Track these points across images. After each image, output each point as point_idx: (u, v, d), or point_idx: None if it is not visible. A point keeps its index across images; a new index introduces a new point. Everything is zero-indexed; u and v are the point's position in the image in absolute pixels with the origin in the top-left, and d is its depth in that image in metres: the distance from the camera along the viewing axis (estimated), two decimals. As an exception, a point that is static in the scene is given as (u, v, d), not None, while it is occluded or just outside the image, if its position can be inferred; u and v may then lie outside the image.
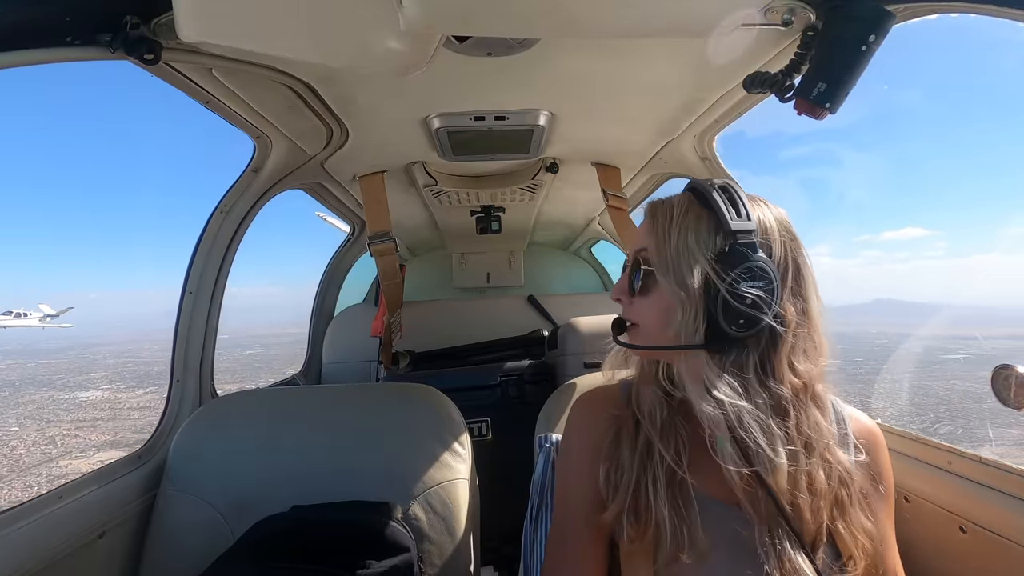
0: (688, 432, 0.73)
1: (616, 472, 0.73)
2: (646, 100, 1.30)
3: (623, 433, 0.76)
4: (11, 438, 23.38)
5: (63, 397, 34.92)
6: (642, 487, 0.70)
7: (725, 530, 0.68)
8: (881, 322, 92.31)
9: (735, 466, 0.66)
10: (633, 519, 0.70)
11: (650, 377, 0.79)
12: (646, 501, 0.69)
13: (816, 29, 0.86)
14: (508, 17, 0.78)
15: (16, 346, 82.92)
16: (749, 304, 0.65)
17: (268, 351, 53.45)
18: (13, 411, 29.29)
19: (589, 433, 0.80)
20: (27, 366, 52.37)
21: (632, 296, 0.76)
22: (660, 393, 0.76)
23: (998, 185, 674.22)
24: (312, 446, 1.22)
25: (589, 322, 1.94)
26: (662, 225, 0.73)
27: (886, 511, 0.75)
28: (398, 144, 1.57)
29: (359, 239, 2.62)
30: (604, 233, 3.01)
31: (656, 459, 0.71)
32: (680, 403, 0.76)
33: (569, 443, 0.84)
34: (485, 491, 1.32)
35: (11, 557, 0.90)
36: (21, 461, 20.50)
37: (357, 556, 0.99)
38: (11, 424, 27.86)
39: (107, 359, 54.71)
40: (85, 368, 47.71)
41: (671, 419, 0.74)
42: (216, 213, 1.45)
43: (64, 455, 20.71)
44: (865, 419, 0.79)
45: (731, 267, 0.66)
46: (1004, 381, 0.75)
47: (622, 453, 0.74)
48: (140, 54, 0.81)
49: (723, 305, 0.66)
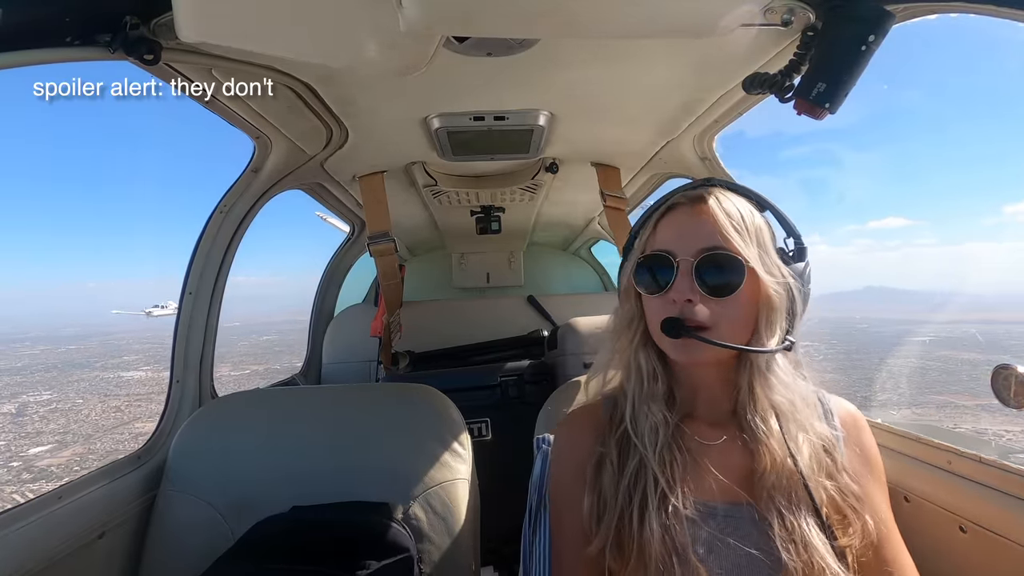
0: (682, 449, 0.73)
1: (599, 504, 0.73)
2: (646, 100, 1.30)
3: (605, 462, 0.75)
4: (81, 408, 25.56)
5: (109, 376, 37.11)
6: (626, 518, 0.70)
7: (723, 538, 0.69)
8: (868, 308, 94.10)
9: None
10: (616, 552, 0.70)
11: (657, 395, 0.76)
12: (629, 531, 0.69)
13: (816, 29, 0.86)
14: (508, 17, 0.78)
15: (37, 333, 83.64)
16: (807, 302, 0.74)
17: (284, 336, 54.18)
18: (71, 387, 31.45)
19: (573, 459, 0.79)
20: (58, 351, 53.82)
21: (710, 297, 0.70)
22: (664, 413, 0.74)
23: (983, 177, 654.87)
24: (312, 446, 1.22)
25: (589, 322, 1.94)
26: (739, 223, 0.72)
27: (881, 494, 0.76)
28: (398, 144, 1.56)
29: (359, 239, 2.62)
30: (604, 233, 3.01)
31: (647, 484, 0.70)
32: (679, 421, 0.75)
33: (558, 468, 0.83)
34: (485, 491, 1.32)
35: (11, 557, 0.90)
36: (100, 424, 22.57)
37: (356, 556, 0.99)
38: (74, 398, 30.14)
39: (132, 344, 55.99)
40: (116, 352, 49.57)
41: (668, 440, 0.73)
42: (216, 213, 1.45)
43: (134, 420, 22.83)
44: (847, 404, 0.81)
45: (801, 269, 0.74)
46: (1004, 381, 0.75)
47: (603, 483, 0.73)
48: (140, 54, 0.81)
49: (802, 305, 0.74)
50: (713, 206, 0.72)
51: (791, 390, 0.74)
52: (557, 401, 1.21)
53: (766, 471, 0.70)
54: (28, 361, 48.66)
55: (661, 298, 0.72)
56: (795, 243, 0.76)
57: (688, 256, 0.71)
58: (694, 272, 0.70)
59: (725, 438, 0.75)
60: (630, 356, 0.79)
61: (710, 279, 0.70)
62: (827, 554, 0.66)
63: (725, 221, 0.71)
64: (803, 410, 0.74)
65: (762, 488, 0.70)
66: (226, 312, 1.53)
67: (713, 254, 0.70)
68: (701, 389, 0.77)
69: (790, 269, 0.73)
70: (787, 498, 0.69)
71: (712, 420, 0.77)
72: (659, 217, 0.76)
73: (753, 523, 0.69)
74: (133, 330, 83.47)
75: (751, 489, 0.71)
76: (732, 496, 0.71)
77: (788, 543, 0.66)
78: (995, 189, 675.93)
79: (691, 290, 0.70)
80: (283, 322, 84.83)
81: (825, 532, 0.68)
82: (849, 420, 0.79)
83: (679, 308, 0.70)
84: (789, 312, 0.73)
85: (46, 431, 25.41)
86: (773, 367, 0.74)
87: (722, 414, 0.77)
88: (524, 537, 0.95)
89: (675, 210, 0.76)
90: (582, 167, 1.81)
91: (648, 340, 0.78)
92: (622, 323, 0.81)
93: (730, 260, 0.70)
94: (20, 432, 23.96)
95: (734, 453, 0.74)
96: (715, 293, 0.70)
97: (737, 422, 0.75)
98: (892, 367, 19.99)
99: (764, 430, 0.72)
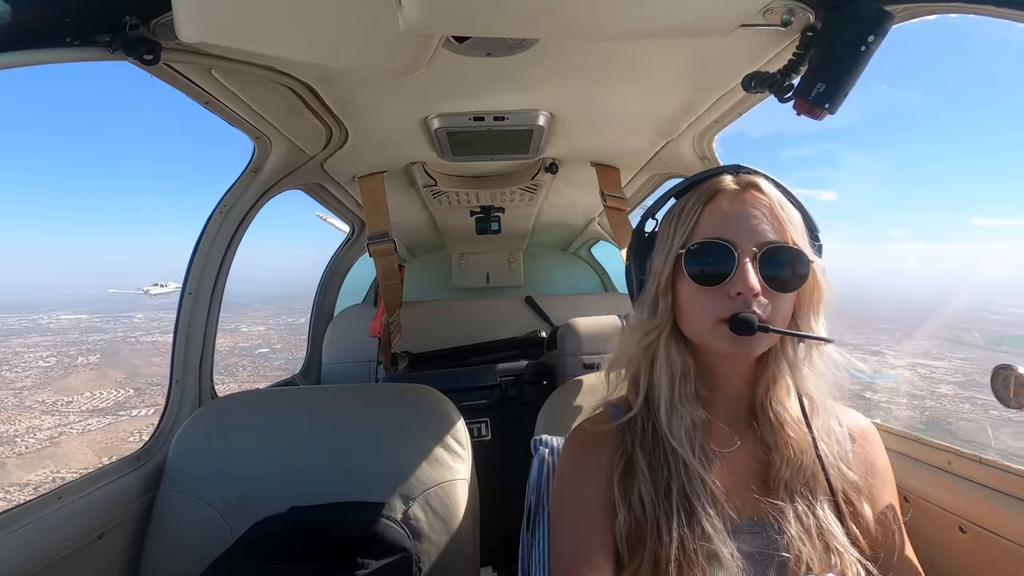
0: (708, 452, 0.71)
1: (633, 521, 0.68)
2: (645, 100, 1.30)
3: (636, 471, 0.71)
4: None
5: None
6: (669, 528, 0.66)
7: (751, 542, 0.68)
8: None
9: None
10: (652, 568, 0.66)
11: (689, 394, 0.72)
12: (669, 541, 0.65)
13: (815, 29, 0.86)
14: (508, 18, 0.78)
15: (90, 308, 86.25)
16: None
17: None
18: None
19: (586, 479, 0.74)
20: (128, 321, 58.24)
21: (771, 290, 0.68)
22: (699, 412, 0.72)
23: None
24: (311, 446, 1.22)
25: (588, 323, 1.94)
26: (791, 215, 0.71)
27: (891, 501, 0.76)
28: (398, 144, 1.56)
29: (358, 239, 2.62)
30: (603, 234, 3.01)
31: (694, 489, 0.67)
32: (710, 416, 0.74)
33: (562, 487, 0.77)
34: (484, 491, 1.32)
35: (11, 558, 0.90)
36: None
37: (355, 556, 0.99)
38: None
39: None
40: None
41: (704, 442, 0.71)
42: (215, 213, 1.45)
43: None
44: (860, 418, 0.81)
45: (822, 264, 0.73)
46: (1004, 381, 0.75)
47: (638, 494, 0.69)
48: (139, 54, 0.81)
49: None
50: (767, 196, 0.71)
51: (824, 379, 0.73)
52: (557, 401, 1.20)
53: (783, 464, 0.70)
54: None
55: (716, 290, 0.68)
56: (815, 238, 0.75)
57: (752, 246, 0.68)
58: (759, 264, 0.67)
59: (739, 443, 0.74)
60: (659, 352, 0.74)
61: (776, 273, 0.67)
62: (843, 538, 0.66)
63: (781, 212, 0.70)
64: (830, 401, 0.74)
65: (779, 481, 0.70)
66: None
67: (780, 247, 0.68)
68: (724, 387, 0.75)
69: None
70: (804, 486, 0.69)
71: (729, 419, 0.75)
72: (703, 204, 0.72)
73: (771, 525, 0.69)
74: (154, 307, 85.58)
75: (767, 490, 0.70)
76: (751, 501, 0.70)
77: (803, 534, 0.66)
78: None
79: (758, 284, 0.67)
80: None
81: (840, 519, 0.68)
82: (859, 434, 0.78)
83: (742, 303, 0.66)
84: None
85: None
86: (813, 357, 0.73)
87: (739, 412, 0.76)
88: (522, 540, 0.95)
89: (722, 197, 0.72)
90: (582, 167, 1.81)
91: (678, 335, 0.74)
92: (647, 317, 0.75)
93: (797, 255, 0.68)
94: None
95: (748, 456, 0.73)
96: (780, 288, 0.68)
97: (752, 419, 0.75)
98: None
99: (783, 419, 0.72)
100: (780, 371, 0.73)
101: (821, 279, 0.71)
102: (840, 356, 0.74)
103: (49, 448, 33.15)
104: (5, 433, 36.32)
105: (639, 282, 0.79)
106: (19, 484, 28.64)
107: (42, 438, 34.96)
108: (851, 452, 0.75)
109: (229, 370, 33.99)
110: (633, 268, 0.81)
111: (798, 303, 0.71)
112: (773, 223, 0.69)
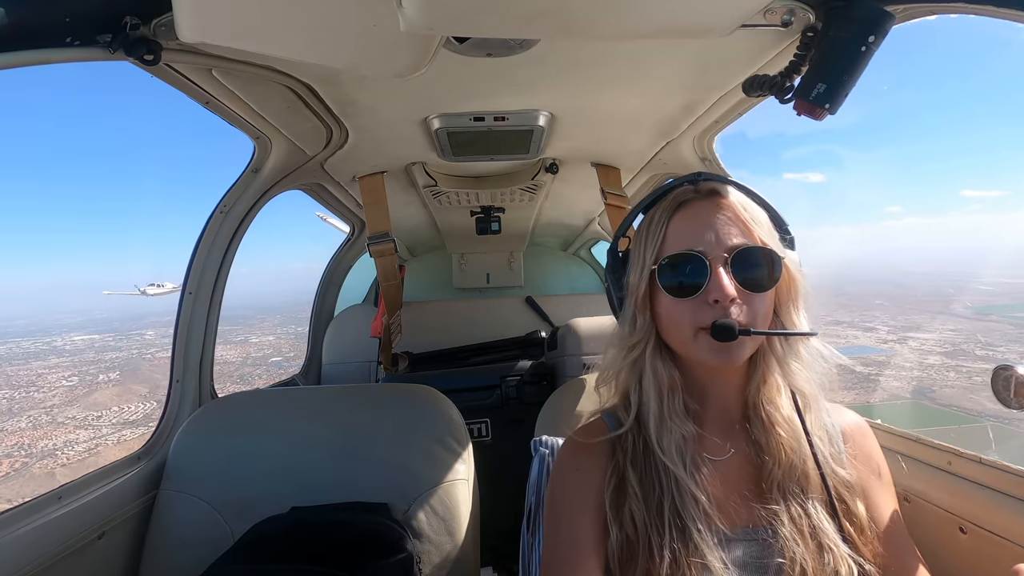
0: (699, 465, 0.71)
1: (625, 539, 0.68)
2: (646, 101, 1.30)
3: (626, 489, 0.71)
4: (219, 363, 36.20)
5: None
6: (661, 546, 0.66)
7: (748, 551, 0.68)
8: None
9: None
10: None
11: (677, 408, 0.72)
12: (661, 557, 0.66)
13: (816, 30, 0.86)
14: (508, 18, 0.78)
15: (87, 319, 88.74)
16: None
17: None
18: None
19: (583, 487, 0.74)
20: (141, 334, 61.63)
21: (748, 292, 0.68)
22: (688, 426, 0.72)
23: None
24: (312, 447, 1.22)
25: (589, 323, 1.94)
26: (755, 215, 0.72)
27: (890, 498, 0.76)
28: (398, 144, 1.57)
29: (359, 239, 2.62)
30: (604, 233, 3.01)
31: (685, 505, 0.67)
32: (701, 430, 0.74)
33: (557, 494, 0.77)
34: (485, 492, 1.32)
35: (11, 558, 0.90)
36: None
37: (356, 557, 0.99)
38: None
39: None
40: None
41: (695, 456, 0.71)
42: (216, 213, 1.45)
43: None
44: (851, 415, 0.81)
45: (795, 257, 0.74)
46: (1004, 381, 0.75)
47: (629, 513, 0.69)
48: (140, 55, 0.81)
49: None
50: (729, 199, 0.72)
51: (813, 371, 0.74)
52: (557, 402, 1.20)
53: (775, 465, 0.70)
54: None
55: (693, 301, 0.68)
56: (785, 232, 0.76)
57: (722, 252, 0.68)
58: (732, 268, 0.68)
59: (732, 452, 0.74)
60: (645, 367, 0.74)
61: (749, 275, 0.68)
62: (835, 535, 0.66)
63: (745, 214, 0.71)
64: (821, 396, 0.75)
65: (771, 483, 0.70)
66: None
67: (749, 249, 0.69)
68: (713, 396, 0.75)
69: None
70: (797, 485, 0.69)
71: (721, 427, 0.75)
72: (668, 217, 0.73)
73: (766, 529, 0.69)
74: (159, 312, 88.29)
75: (760, 493, 0.70)
76: (746, 508, 0.70)
77: (796, 535, 0.66)
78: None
79: (733, 289, 0.67)
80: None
81: (834, 517, 0.68)
82: (852, 432, 0.78)
83: (721, 310, 0.67)
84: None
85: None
86: (800, 351, 0.74)
87: (731, 417, 0.76)
88: (523, 540, 0.95)
89: (687, 208, 0.72)
90: (582, 168, 1.81)
91: (662, 348, 0.74)
92: (628, 332, 0.76)
93: (768, 254, 0.69)
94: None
95: (741, 461, 0.73)
96: (755, 288, 0.68)
97: (745, 421, 0.75)
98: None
99: (775, 419, 0.72)
100: (769, 369, 0.74)
101: (795, 272, 0.72)
102: (825, 348, 0.75)
103: (90, 459, 35.06)
104: (46, 447, 39.12)
105: (619, 299, 0.80)
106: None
107: (80, 450, 37.08)
108: (844, 451, 0.75)
109: (245, 379, 35.62)
110: (611, 286, 0.82)
111: (777, 299, 0.72)
112: (739, 226, 0.70)
